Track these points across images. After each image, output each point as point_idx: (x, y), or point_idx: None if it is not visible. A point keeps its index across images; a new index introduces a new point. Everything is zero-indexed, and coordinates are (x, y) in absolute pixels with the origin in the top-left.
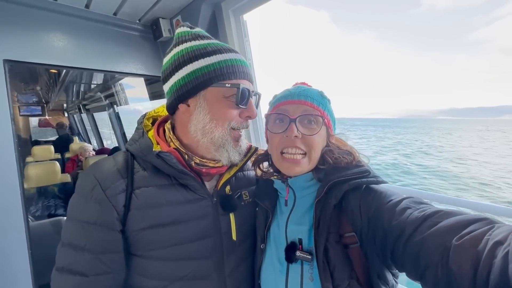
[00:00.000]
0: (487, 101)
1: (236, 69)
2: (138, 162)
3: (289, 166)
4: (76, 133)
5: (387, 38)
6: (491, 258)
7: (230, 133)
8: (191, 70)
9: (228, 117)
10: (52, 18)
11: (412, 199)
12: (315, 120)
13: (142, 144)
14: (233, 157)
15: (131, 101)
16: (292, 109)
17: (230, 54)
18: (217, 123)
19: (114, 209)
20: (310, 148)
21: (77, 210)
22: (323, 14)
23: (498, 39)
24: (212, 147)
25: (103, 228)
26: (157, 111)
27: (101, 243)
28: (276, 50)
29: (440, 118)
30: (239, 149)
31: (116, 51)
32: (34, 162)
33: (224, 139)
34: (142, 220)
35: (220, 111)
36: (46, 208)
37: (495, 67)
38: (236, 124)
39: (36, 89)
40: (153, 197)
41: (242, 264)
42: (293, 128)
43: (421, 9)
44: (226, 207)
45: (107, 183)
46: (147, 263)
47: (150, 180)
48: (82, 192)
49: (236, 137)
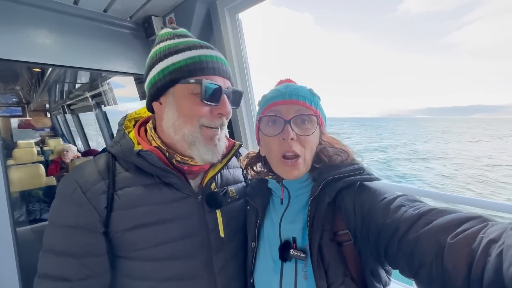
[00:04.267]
0: (461, 101)
1: (205, 65)
2: (120, 163)
3: (289, 171)
4: (60, 134)
5: (369, 40)
6: (485, 256)
7: (199, 130)
8: (160, 68)
9: (195, 113)
10: (39, 14)
11: (406, 196)
12: (309, 120)
13: (124, 145)
14: (205, 156)
15: (122, 101)
16: (285, 109)
17: (201, 51)
18: (185, 120)
19: (96, 210)
20: (306, 149)
21: (57, 214)
22: (306, 16)
23: (469, 42)
24: (185, 144)
25: (84, 231)
26: (139, 113)
27: (83, 247)
28: (261, 50)
29: (418, 117)
30: (214, 149)
31: (106, 49)
32: (16, 165)
33: (194, 136)
34: (126, 221)
35: (188, 107)
36: (30, 213)
37: (465, 69)
38: (207, 121)
39: (15, 89)
40: (136, 197)
41: (232, 262)
42: (289, 130)
43: (397, 14)
44: (212, 204)
45: (87, 185)
46: (133, 265)
47: (132, 180)
48: (62, 196)
49: (209, 136)
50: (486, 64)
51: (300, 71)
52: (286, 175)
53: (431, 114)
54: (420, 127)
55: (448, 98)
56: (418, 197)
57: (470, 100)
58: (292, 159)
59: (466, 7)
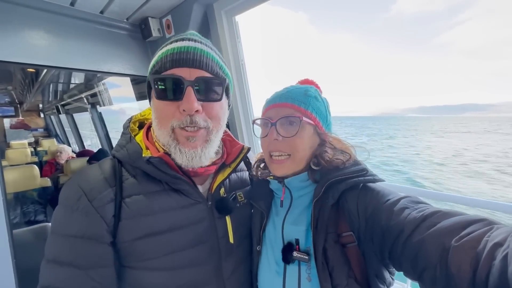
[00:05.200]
0: (452, 99)
1: (168, 59)
2: (127, 169)
3: (275, 167)
4: (54, 135)
5: (363, 40)
6: (490, 260)
7: (170, 133)
8: (148, 70)
9: (163, 115)
10: (35, 16)
11: (410, 198)
12: (295, 121)
13: (130, 150)
14: (180, 160)
15: (120, 101)
16: (275, 112)
17: (173, 44)
18: (159, 123)
19: (103, 220)
20: (293, 149)
21: (61, 223)
22: (301, 15)
23: (459, 43)
24: (168, 147)
25: (91, 242)
26: (143, 114)
27: (90, 258)
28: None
29: (410, 116)
30: (193, 152)
31: (103, 51)
32: (10, 167)
33: (166, 140)
34: (135, 230)
35: (158, 109)
36: (25, 214)
37: (457, 68)
38: (177, 121)
39: (8, 89)
40: (145, 205)
41: (241, 267)
42: (273, 132)
43: (391, 13)
44: (222, 210)
45: (93, 193)
46: (142, 274)
47: (140, 187)
48: (66, 204)
49: (184, 137)
50: (477, 63)
51: (294, 70)
52: (274, 172)
53: (423, 113)
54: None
55: (440, 97)
56: (421, 198)
57: (461, 99)
58: (278, 157)
59: (457, 7)
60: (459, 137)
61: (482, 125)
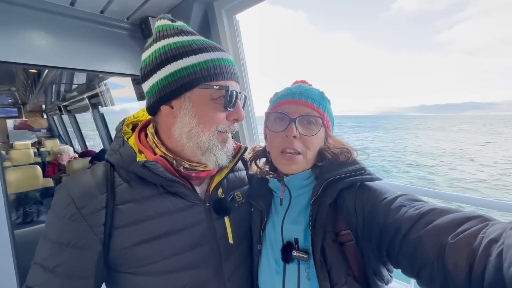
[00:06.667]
0: (454, 98)
1: (224, 70)
2: (120, 174)
3: (286, 164)
4: (57, 135)
5: (363, 39)
6: (485, 256)
7: (217, 137)
8: (175, 69)
9: (215, 121)
10: (35, 16)
11: (407, 196)
12: (315, 121)
13: (124, 154)
14: (220, 160)
15: (119, 101)
16: (293, 109)
17: (217, 53)
18: (204, 127)
19: (90, 229)
20: (307, 148)
21: (50, 228)
22: (301, 14)
23: (460, 41)
24: (199, 151)
25: (75, 250)
26: (137, 116)
27: (70, 267)
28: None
29: (411, 115)
30: (226, 151)
31: (103, 51)
32: (13, 167)
33: (211, 143)
34: (133, 236)
35: (208, 114)
36: (27, 214)
37: (458, 66)
38: (224, 127)
39: (11, 90)
40: (140, 211)
41: (241, 267)
42: (292, 128)
43: (391, 12)
44: (220, 211)
45: (82, 200)
46: (142, 280)
47: (134, 192)
48: (55, 210)
49: (223, 140)
50: (478, 62)
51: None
52: (283, 168)
53: (425, 111)
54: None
55: (441, 95)
56: (418, 196)
57: (463, 98)
58: (290, 154)
59: (456, 6)
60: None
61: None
